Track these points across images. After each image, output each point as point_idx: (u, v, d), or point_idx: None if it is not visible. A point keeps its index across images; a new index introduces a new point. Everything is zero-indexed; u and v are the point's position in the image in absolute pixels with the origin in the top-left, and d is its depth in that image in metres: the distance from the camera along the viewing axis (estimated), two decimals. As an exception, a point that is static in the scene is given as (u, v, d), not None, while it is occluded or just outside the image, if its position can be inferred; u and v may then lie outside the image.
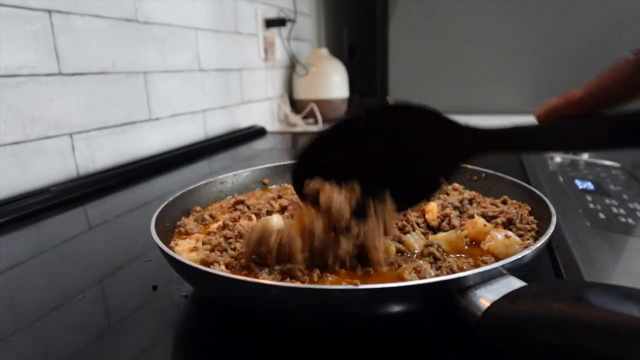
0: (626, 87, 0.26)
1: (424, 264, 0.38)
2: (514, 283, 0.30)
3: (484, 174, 0.60)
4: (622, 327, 0.22)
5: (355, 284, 0.32)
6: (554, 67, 1.79)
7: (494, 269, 0.31)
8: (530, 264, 0.36)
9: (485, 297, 0.29)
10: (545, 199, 0.46)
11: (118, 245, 0.57)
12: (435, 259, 0.40)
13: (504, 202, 0.52)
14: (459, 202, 0.51)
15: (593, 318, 0.23)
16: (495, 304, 0.28)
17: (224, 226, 0.48)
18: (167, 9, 1.08)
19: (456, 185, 0.60)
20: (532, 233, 0.45)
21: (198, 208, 0.56)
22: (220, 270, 0.37)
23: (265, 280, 0.36)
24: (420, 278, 0.36)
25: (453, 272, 0.37)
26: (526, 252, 0.34)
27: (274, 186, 0.67)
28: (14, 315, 0.41)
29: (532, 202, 0.50)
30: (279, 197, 0.59)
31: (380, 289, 0.29)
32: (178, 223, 0.51)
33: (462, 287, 0.30)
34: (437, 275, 0.37)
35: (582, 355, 0.23)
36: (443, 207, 0.51)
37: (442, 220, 0.48)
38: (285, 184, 0.66)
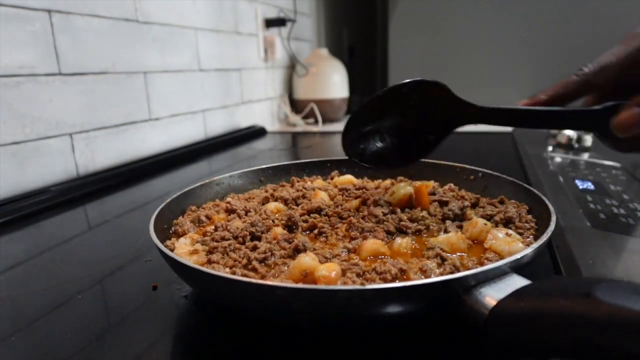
0: (571, 97, 0.44)
1: (430, 263, 0.38)
2: (519, 281, 0.30)
3: (480, 174, 0.59)
4: (632, 322, 0.22)
5: (362, 284, 0.31)
6: (553, 67, 1.79)
7: (498, 267, 0.31)
8: (532, 262, 0.36)
9: (491, 296, 0.29)
10: (543, 197, 0.46)
11: (118, 245, 0.57)
12: (443, 260, 0.39)
13: (501, 202, 0.52)
14: (459, 209, 0.50)
15: (602, 314, 0.23)
16: (501, 302, 0.28)
17: (216, 228, 0.48)
18: (167, 9, 1.08)
19: (452, 186, 0.59)
20: (532, 231, 0.44)
21: (193, 207, 0.55)
22: (225, 273, 0.37)
23: (270, 281, 0.36)
24: (426, 278, 0.36)
25: (457, 269, 0.37)
26: (530, 249, 0.34)
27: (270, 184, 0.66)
28: (14, 315, 0.41)
29: (530, 200, 0.49)
30: (272, 194, 0.59)
31: (385, 289, 0.29)
32: (175, 222, 0.51)
33: (467, 286, 0.30)
34: (441, 274, 0.37)
35: (592, 351, 0.23)
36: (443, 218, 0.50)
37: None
38: (283, 182, 0.66)
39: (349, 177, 0.65)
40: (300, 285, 0.32)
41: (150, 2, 1.02)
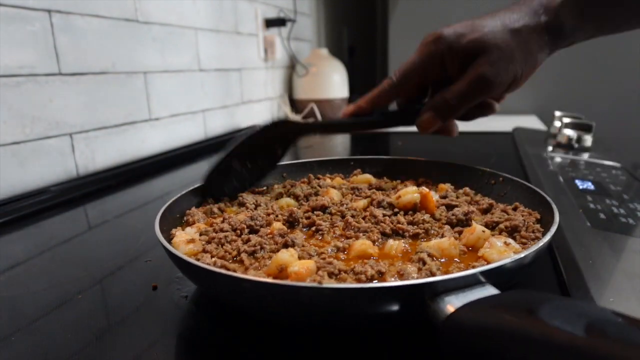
0: (385, 101, 0.55)
1: (410, 267, 0.37)
2: (489, 292, 0.30)
3: (501, 178, 0.57)
4: (560, 344, 0.21)
5: (320, 282, 0.31)
6: (551, 67, 1.79)
7: (469, 275, 0.30)
8: (510, 272, 0.34)
9: (453, 304, 0.28)
10: (554, 208, 0.44)
11: (118, 245, 0.57)
12: (424, 264, 0.38)
13: (515, 209, 0.50)
14: (463, 214, 0.48)
15: (536, 332, 0.22)
16: (457, 311, 0.28)
17: (223, 220, 0.48)
18: (167, 9, 1.08)
19: (467, 189, 0.58)
20: (535, 242, 0.42)
21: (210, 199, 0.56)
22: (204, 263, 0.37)
23: (239, 274, 0.36)
24: (401, 281, 0.35)
25: (432, 274, 0.36)
26: (506, 261, 0.33)
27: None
28: (14, 315, 0.41)
29: (542, 209, 0.48)
30: (287, 190, 0.60)
31: (341, 289, 0.29)
32: (187, 211, 0.51)
33: (433, 292, 0.30)
34: (418, 279, 0.36)
35: None
36: (447, 221, 0.49)
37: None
38: (304, 179, 0.67)
39: (366, 177, 0.65)
40: (262, 279, 0.32)
41: (150, 2, 1.02)
